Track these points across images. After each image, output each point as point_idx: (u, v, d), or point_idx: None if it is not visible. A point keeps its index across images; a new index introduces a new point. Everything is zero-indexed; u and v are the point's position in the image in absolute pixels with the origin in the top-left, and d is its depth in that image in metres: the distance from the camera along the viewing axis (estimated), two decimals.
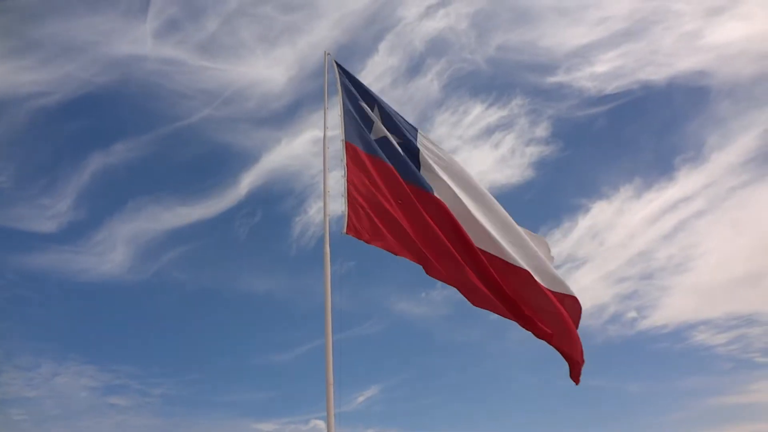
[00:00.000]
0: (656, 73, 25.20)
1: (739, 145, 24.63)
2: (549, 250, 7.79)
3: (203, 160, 26.50)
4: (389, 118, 7.77)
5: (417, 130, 7.81)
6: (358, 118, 7.59)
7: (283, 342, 23.03)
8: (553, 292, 7.26)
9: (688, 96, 26.21)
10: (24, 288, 22.36)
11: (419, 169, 7.53)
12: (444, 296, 21.80)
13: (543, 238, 7.84)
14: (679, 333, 23.04)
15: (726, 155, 24.70)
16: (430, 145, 7.78)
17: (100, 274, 23.48)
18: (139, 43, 23.63)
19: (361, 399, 19.24)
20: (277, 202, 25.28)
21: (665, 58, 25.26)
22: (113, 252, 23.53)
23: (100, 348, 22.50)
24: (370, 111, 7.71)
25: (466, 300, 6.98)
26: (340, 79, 7.76)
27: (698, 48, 25.13)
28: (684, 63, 25.28)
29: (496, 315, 7.07)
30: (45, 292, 22.83)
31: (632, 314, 23.26)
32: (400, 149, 7.55)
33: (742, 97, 25.51)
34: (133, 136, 25.12)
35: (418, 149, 7.64)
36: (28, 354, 21.06)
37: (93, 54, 23.28)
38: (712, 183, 24.64)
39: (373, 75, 23.88)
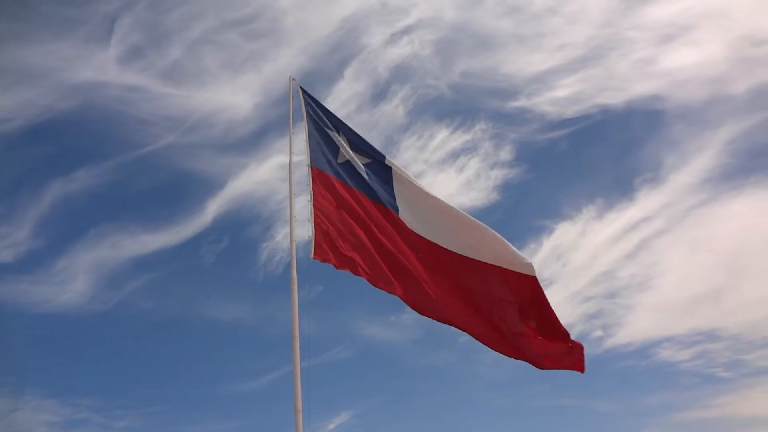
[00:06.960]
0: (613, 98, 25.98)
1: (695, 166, 25.46)
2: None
3: (168, 187, 26.11)
4: (356, 141, 7.81)
5: (384, 156, 7.83)
6: (323, 143, 7.61)
7: (251, 370, 22.58)
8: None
9: (644, 119, 27.06)
10: None
11: (392, 186, 7.56)
12: (414, 319, 21.76)
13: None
14: (644, 350, 23.39)
15: (683, 176, 25.48)
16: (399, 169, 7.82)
17: (60, 304, 22.75)
18: (102, 69, 23.34)
19: (332, 426, 18.91)
20: (243, 228, 25.00)
21: (621, 83, 26.11)
22: (74, 281, 22.86)
23: (60, 381, 21.65)
24: (336, 135, 7.75)
25: (436, 323, 6.98)
26: (306, 104, 7.78)
27: (652, 73, 26.11)
28: (639, 88, 26.17)
29: (467, 337, 7.09)
30: (2, 324, 22.01)
31: (598, 333, 23.53)
32: (367, 171, 7.59)
33: (695, 119, 26.48)
34: (96, 163, 24.63)
35: (390, 168, 7.66)
36: None
37: (55, 80, 22.91)
38: (671, 203, 25.33)
39: (339, 101, 24.05)
